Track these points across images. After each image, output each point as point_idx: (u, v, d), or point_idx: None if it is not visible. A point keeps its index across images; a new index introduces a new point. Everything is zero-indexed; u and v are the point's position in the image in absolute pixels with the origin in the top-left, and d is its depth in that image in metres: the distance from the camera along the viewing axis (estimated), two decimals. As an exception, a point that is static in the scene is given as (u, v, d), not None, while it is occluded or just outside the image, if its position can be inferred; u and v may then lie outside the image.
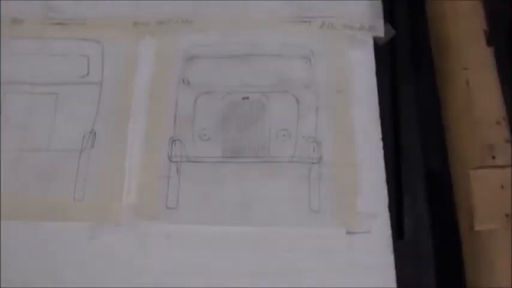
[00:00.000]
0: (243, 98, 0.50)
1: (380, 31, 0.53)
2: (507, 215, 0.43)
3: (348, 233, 0.46)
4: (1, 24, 0.54)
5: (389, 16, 0.55)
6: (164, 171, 0.48)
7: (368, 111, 0.50)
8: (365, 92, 0.51)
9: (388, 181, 0.48)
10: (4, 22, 0.55)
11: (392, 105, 0.53)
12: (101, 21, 0.54)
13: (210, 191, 0.47)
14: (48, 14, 0.55)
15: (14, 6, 0.55)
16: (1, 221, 0.46)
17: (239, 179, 0.48)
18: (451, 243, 0.47)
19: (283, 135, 0.49)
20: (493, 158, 0.45)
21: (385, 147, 0.49)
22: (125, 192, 0.47)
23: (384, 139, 0.49)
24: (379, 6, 0.54)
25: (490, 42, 0.50)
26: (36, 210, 0.47)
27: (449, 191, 0.48)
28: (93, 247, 0.46)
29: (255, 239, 0.46)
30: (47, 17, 0.55)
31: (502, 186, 0.44)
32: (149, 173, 0.48)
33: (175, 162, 0.48)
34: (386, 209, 0.46)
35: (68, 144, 0.49)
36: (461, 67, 0.49)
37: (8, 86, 0.52)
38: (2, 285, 0.45)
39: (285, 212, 0.46)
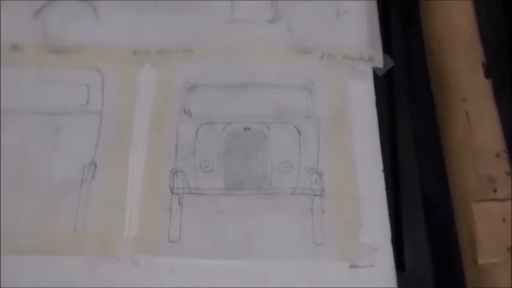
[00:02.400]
0: (245, 129, 0.50)
1: (379, 62, 0.54)
2: (508, 249, 0.44)
3: (352, 266, 0.46)
4: (1, 52, 0.54)
5: (386, 47, 0.55)
6: (166, 203, 0.48)
7: (369, 142, 0.50)
8: (365, 122, 0.51)
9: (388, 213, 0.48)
10: (4, 49, 0.54)
11: (389, 136, 0.53)
12: (101, 49, 0.54)
13: (212, 223, 0.47)
14: (47, 42, 0.54)
15: (13, 32, 0.55)
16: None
17: (241, 211, 0.47)
18: (452, 276, 0.47)
19: (285, 167, 0.49)
20: (495, 191, 0.45)
21: (383, 179, 0.49)
22: (126, 225, 0.47)
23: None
24: (377, 37, 0.55)
25: (488, 74, 0.50)
26: (35, 243, 0.46)
27: (449, 222, 0.48)
28: (94, 282, 0.45)
29: (258, 272, 0.46)
30: (46, 45, 0.54)
31: (504, 220, 0.44)
32: (151, 205, 0.48)
33: (177, 194, 0.48)
34: (389, 241, 0.46)
35: (69, 175, 0.49)
36: (461, 99, 0.49)
37: (7, 115, 0.51)
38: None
39: (288, 245, 0.46)
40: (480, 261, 0.43)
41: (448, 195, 0.49)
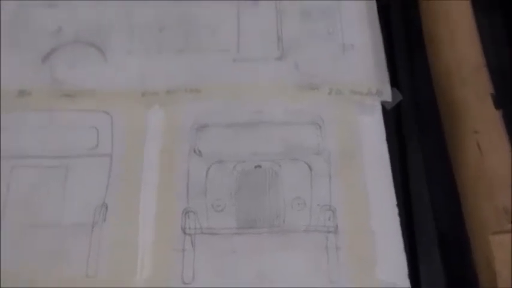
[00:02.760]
0: (255, 167, 0.50)
1: (387, 95, 0.54)
2: (526, 279, 0.43)
3: (369, 303, 0.45)
4: (8, 97, 0.54)
5: (393, 80, 0.55)
6: (179, 244, 0.47)
7: (381, 176, 0.50)
8: (377, 157, 0.51)
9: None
10: (11, 95, 0.54)
11: (401, 170, 0.52)
12: (109, 92, 0.54)
13: (225, 263, 0.47)
14: (55, 86, 0.55)
15: (21, 78, 0.55)
16: None
17: (254, 250, 0.47)
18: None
19: (298, 204, 0.49)
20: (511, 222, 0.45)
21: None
22: (138, 267, 0.46)
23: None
24: (384, 71, 0.55)
25: (497, 105, 0.50)
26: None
27: (465, 255, 0.48)
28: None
29: (273, 312, 0.45)
30: (54, 89, 0.54)
31: (521, 251, 0.44)
32: (163, 247, 0.47)
33: (190, 234, 0.48)
34: (406, 277, 0.46)
35: (79, 218, 0.48)
36: (472, 130, 0.49)
37: (16, 160, 0.51)
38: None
39: (303, 284, 0.46)
40: (500, 289, 0.43)
41: (463, 228, 0.48)
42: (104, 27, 0.58)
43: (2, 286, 0.44)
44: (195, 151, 0.51)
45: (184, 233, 0.48)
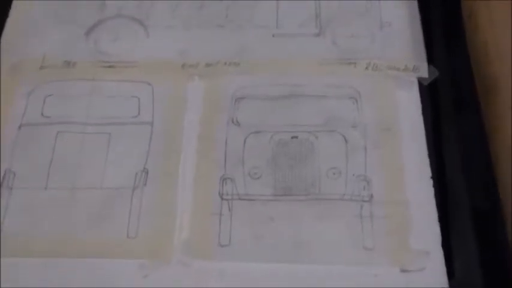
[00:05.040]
0: (292, 137, 0.51)
1: (424, 72, 0.54)
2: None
3: (403, 271, 0.45)
4: (53, 67, 0.56)
5: (429, 57, 0.56)
6: (216, 209, 0.48)
7: (416, 149, 0.50)
8: (412, 130, 0.51)
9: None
10: (57, 65, 0.56)
11: (435, 145, 0.53)
12: (150, 63, 0.56)
13: (262, 228, 0.47)
14: (99, 58, 0.56)
15: (66, 50, 0.57)
16: (54, 259, 0.47)
17: (291, 217, 0.48)
18: (502, 282, 0.46)
19: (334, 174, 0.49)
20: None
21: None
22: (177, 229, 0.48)
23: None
24: (421, 48, 0.55)
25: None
26: (89, 248, 0.47)
27: (498, 230, 0.48)
28: (146, 285, 0.46)
29: (309, 277, 0.46)
30: (98, 60, 0.56)
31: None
32: (201, 211, 0.48)
33: (227, 200, 0.49)
34: (440, 246, 0.46)
35: (121, 182, 0.50)
36: (509, 106, 0.49)
37: (60, 125, 0.53)
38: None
39: (339, 250, 0.46)
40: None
41: (496, 202, 0.48)
42: (145, 3, 0.60)
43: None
44: (233, 121, 0.52)
45: (222, 198, 0.49)
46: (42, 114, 0.54)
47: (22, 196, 0.49)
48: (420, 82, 0.54)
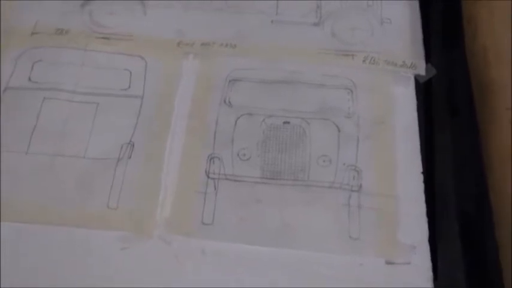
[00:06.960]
0: (284, 122, 0.50)
1: (421, 69, 0.54)
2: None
3: (388, 263, 0.44)
4: (45, 33, 0.54)
5: (427, 56, 0.55)
6: (201, 187, 0.47)
7: (409, 144, 0.50)
8: (406, 125, 0.51)
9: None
10: (48, 32, 0.55)
11: (427, 144, 0.52)
12: (145, 38, 0.55)
13: (247, 210, 0.46)
14: (93, 29, 0.55)
15: (59, 18, 0.56)
16: (35, 225, 0.45)
17: (277, 201, 0.47)
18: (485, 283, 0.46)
19: (324, 161, 0.48)
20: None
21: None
22: (159, 205, 0.46)
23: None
24: (420, 46, 0.55)
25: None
26: (68, 216, 0.46)
27: (485, 232, 0.47)
28: (125, 257, 0.44)
29: (291, 262, 0.45)
30: (92, 31, 0.55)
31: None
32: (185, 188, 0.47)
33: (213, 179, 0.48)
34: (427, 241, 0.45)
35: (105, 153, 0.49)
36: (505, 107, 0.49)
37: (47, 92, 0.51)
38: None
39: (324, 238, 0.45)
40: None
41: (484, 205, 0.48)
42: (145, -20, 0.59)
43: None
44: (225, 101, 0.51)
45: (208, 177, 0.48)
46: (29, 79, 0.52)
47: (2, 159, 0.48)
48: (417, 80, 0.54)
